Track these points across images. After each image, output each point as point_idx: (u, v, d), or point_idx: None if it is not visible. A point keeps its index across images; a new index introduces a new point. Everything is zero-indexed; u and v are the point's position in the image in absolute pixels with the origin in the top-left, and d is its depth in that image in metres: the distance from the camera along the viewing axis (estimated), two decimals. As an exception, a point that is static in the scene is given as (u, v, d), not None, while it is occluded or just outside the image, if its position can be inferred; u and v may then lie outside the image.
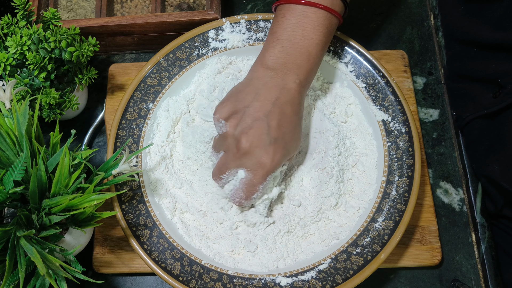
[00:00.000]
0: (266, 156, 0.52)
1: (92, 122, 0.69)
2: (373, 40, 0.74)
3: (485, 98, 0.64)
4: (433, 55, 0.73)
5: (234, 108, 0.53)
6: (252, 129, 0.52)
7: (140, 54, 0.74)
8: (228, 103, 0.54)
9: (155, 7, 0.72)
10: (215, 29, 0.65)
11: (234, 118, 0.53)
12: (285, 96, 0.53)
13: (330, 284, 0.53)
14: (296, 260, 0.56)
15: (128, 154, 0.53)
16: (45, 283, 0.47)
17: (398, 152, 0.58)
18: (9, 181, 0.46)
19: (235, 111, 0.53)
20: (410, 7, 0.76)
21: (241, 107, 0.53)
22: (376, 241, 0.55)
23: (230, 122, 0.53)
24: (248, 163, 0.52)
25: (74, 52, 0.59)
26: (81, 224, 0.50)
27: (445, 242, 0.63)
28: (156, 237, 0.56)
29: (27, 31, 0.58)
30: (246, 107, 0.53)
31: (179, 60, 0.64)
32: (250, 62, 0.66)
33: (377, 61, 0.62)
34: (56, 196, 0.49)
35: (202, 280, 0.54)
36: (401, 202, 0.56)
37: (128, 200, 0.57)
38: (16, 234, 0.46)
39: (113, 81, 0.71)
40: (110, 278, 0.62)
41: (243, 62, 0.66)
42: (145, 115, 0.62)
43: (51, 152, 0.52)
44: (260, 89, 0.53)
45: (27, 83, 0.59)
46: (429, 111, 0.70)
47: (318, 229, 0.58)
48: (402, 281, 0.61)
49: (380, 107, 0.61)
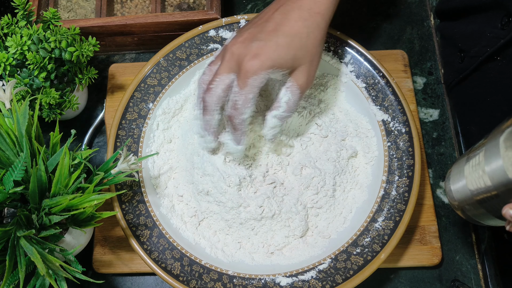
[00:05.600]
0: (249, 53, 0.49)
1: (92, 122, 0.69)
2: (373, 40, 0.74)
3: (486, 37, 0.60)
4: (433, 55, 0.73)
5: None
6: (246, 33, 0.51)
7: (140, 54, 0.74)
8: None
9: (155, 7, 0.72)
10: (215, 29, 0.65)
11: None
12: (292, 5, 0.51)
13: (330, 284, 0.53)
14: (296, 260, 0.56)
15: (126, 153, 0.53)
16: (45, 283, 0.47)
17: (398, 152, 0.58)
18: (9, 181, 0.46)
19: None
20: (410, 7, 0.76)
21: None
22: (376, 241, 0.55)
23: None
24: (235, 66, 0.50)
25: (74, 52, 0.59)
26: (81, 224, 0.50)
27: (445, 242, 0.63)
28: (156, 237, 0.56)
29: (27, 31, 0.58)
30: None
31: (179, 60, 0.64)
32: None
33: (377, 61, 0.62)
34: (56, 196, 0.49)
35: (202, 280, 0.54)
36: (401, 202, 0.56)
37: (128, 200, 0.57)
38: (16, 234, 0.46)
39: (113, 81, 0.71)
40: (110, 278, 0.62)
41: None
42: (145, 115, 0.62)
43: (51, 152, 0.52)
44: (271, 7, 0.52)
45: (27, 83, 0.59)
46: (429, 111, 0.70)
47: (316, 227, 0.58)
48: (402, 281, 0.61)
49: (380, 107, 0.61)
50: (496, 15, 0.57)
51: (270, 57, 0.49)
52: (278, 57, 0.50)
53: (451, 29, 0.68)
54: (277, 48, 0.50)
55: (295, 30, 0.51)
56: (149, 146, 0.61)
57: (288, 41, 0.50)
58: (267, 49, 0.50)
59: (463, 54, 0.65)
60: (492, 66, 0.60)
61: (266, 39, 0.50)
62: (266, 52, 0.49)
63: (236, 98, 0.51)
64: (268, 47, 0.50)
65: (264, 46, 0.50)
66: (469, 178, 0.47)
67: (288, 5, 0.52)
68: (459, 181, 0.49)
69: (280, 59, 0.50)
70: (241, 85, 0.50)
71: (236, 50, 0.50)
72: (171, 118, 0.64)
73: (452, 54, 0.68)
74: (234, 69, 0.51)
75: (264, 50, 0.49)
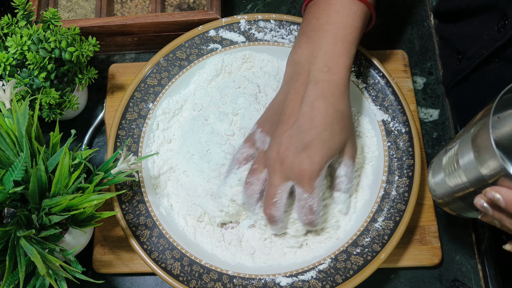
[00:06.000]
0: (304, 161, 0.50)
1: (92, 122, 0.69)
2: (373, 40, 0.74)
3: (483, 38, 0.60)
4: (433, 55, 0.73)
5: (269, 121, 0.53)
6: (282, 138, 0.50)
7: (140, 54, 0.74)
8: (264, 117, 0.54)
9: (155, 7, 0.72)
10: (215, 29, 0.65)
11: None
12: (314, 92, 0.50)
13: (330, 284, 0.53)
14: (296, 260, 0.56)
15: (126, 153, 0.53)
16: (45, 283, 0.47)
17: (398, 152, 0.58)
18: (9, 181, 0.46)
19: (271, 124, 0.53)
20: (410, 7, 0.76)
21: (275, 118, 0.52)
22: (376, 241, 0.55)
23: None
24: (292, 175, 0.50)
25: (74, 52, 0.59)
26: (81, 224, 0.50)
27: (445, 242, 0.63)
28: (156, 237, 0.56)
29: (27, 31, 0.58)
30: (279, 115, 0.52)
31: (179, 60, 0.64)
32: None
33: (377, 61, 0.62)
34: (56, 196, 0.49)
35: (202, 280, 0.54)
36: (401, 202, 0.56)
37: (128, 200, 0.57)
38: (16, 234, 0.46)
39: (113, 81, 0.71)
40: (110, 278, 0.62)
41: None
42: (145, 115, 0.62)
43: (51, 152, 0.52)
44: (289, 92, 0.52)
45: (27, 83, 0.59)
46: (429, 111, 0.70)
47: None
48: (402, 281, 0.61)
49: (380, 107, 0.61)
50: (493, 18, 0.57)
51: (323, 155, 0.50)
52: (329, 151, 0.50)
53: (449, 30, 0.68)
54: (324, 144, 0.50)
55: (330, 119, 0.50)
56: (149, 146, 0.61)
57: (329, 133, 0.50)
58: (317, 150, 0.50)
59: (460, 55, 0.65)
60: (490, 68, 0.60)
61: (310, 142, 0.50)
62: (317, 153, 0.50)
63: (310, 203, 0.51)
64: (317, 148, 0.50)
65: (313, 148, 0.50)
66: (447, 172, 0.47)
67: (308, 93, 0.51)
68: (438, 174, 0.49)
69: (332, 152, 0.51)
70: (309, 190, 0.51)
71: (288, 161, 0.50)
72: (171, 118, 0.64)
73: (450, 55, 0.68)
74: (291, 178, 0.51)
75: (314, 152, 0.50)
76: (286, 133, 0.51)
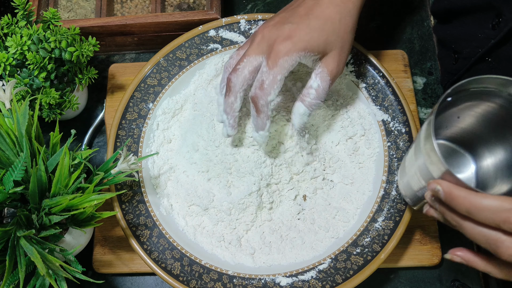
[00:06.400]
0: (281, 36, 0.49)
1: (92, 122, 0.69)
2: (373, 40, 0.74)
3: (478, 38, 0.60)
4: (433, 55, 0.73)
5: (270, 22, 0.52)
6: (277, 17, 0.51)
7: (140, 54, 0.74)
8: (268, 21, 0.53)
9: (155, 7, 0.72)
10: (215, 29, 0.65)
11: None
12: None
13: (330, 284, 0.53)
14: (296, 260, 0.56)
15: (126, 153, 0.53)
16: (45, 283, 0.47)
17: (398, 152, 0.58)
18: (9, 181, 0.46)
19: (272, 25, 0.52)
20: (410, 7, 0.76)
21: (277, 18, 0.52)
22: (376, 241, 0.55)
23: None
24: (265, 48, 0.50)
25: (74, 52, 0.59)
26: (81, 224, 0.50)
27: (445, 242, 0.63)
28: (156, 237, 0.56)
29: (27, 31, 0.58)
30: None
31: (179, 60, 0.64)
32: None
33: (377, 61, 0.62)
34: (56, 196, 0.49)
35: (202, 280, 0.54)
36: (401, 202, 0.56)
37: (128, 200, 0.57)
38: (16, 234, 0.46)
39: (113, 81, 0.71)
40: (110, 278, 0.62)
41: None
42: (145, 115, 0.62)
43: (51, 152, 0.52)
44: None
45: (27, 83, 0.59)
46: (429, 111, 0.70)
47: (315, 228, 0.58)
48: (402, 281, 0.61)
49: (380, 107, 0.61)
50: (487, 16, 0.57)
51: (303, 39, 0.49)
52: (311, 40, 0.49)
53: (445, 30, 0.69)
54: (309, 30, 0.49)
55: (327, 15, 0.50)
56: (149, 146, 0.61)
57: (320, 25, 0.50)
58: (300, 32, 0.49)
59: (456, 55, 0.65)
60: (483, 67, 0.60)
61: (298, 22, 0.50)
62: (298, 34, 0.49)
63: (264, 78, 0.50)
64: (301, 30, 0.49)
65: (296, 28, 0.49)
66: (407, 171, 0.48)
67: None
68: (403, 174, 0.50)
69: (312, 42, 0.49)
70: (271, 65, 0.49)
71: (268, 33, 0.50)
72: (171, 118, 0.64)
73: (447, 55, 0.69)
74: (264, 51, 0.50)
75: (296, 32, 0.49)
76: (282, 13, 0.51)
